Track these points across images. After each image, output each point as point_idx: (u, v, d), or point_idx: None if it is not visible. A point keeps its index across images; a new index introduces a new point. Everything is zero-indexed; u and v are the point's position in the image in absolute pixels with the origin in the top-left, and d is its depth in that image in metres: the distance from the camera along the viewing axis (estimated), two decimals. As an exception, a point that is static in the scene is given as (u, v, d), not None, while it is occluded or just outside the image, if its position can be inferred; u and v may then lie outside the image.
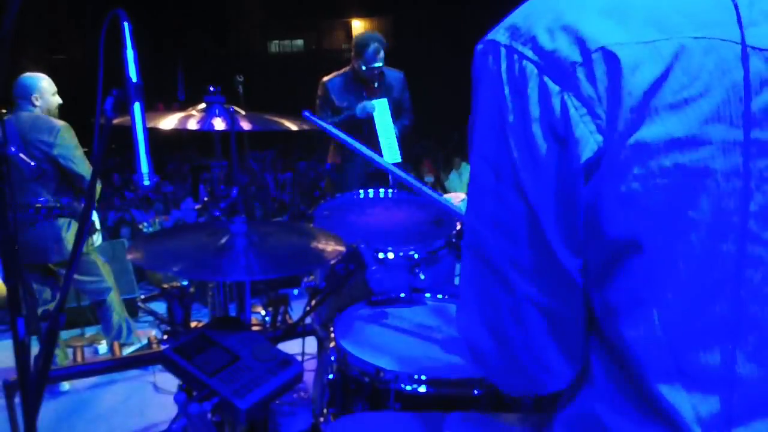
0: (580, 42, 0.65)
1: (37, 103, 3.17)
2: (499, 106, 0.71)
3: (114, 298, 3.51)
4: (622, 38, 0.65)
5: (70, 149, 3.13)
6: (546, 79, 0.67)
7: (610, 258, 0.67)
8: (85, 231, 1.14)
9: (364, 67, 3.69)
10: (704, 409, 0.66)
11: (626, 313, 0.68)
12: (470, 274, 0.81)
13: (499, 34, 0.73)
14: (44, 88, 3.20)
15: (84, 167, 3.18)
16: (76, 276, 3.29)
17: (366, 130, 3.74)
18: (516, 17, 0.74)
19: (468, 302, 0.82)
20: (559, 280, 0.72)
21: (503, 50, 0.71)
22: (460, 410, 1.15)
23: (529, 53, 0.68)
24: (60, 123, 3.14)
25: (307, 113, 1.78)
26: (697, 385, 0.66)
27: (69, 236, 3.21)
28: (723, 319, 0.65)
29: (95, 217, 3.44)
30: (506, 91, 0.70)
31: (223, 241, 1.45)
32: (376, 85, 3.80)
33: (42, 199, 2.83)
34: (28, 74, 3.22)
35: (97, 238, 3.47)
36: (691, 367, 0.66)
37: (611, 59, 0.64)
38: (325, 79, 3.83)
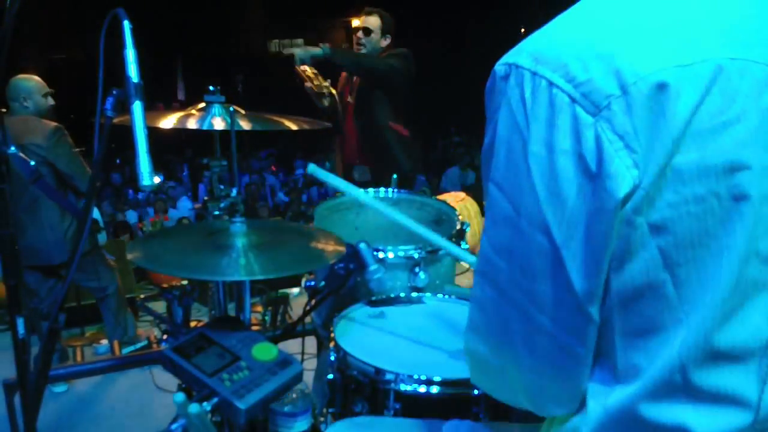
0: (617, 72, 0.62)
1: (26, 104, 3.16)
2: (521, 134, 0.67)
3: (117, 295, 3.52)
4: (663, 64, 0.62)
5: (64, 151, 3.11)
6: (578, 110, 0.63)
7: (639, 284, 0.66)
8: (84, 231, 1.14)
9: None
10: (710, 426, 0.66)
11: (652, 336, 0.67)
12: (482, 301, 0.78)
13: (523, 57, 0.69)
14: (33, 89, 3.19)
15: (78, 167, 3.17)
16: (80, 274, 3.30)
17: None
18: (540, 41, 0.70)
19: (477, 327, 0.80)
20: (574, 315, 0.69)
21: (528, 75, 0.67)
22: (460, 410, 1.15)
23: (560, 81, 0.64)
24: (51, 125, 3.11)
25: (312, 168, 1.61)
26: (705, 403, 0.66)
27: (72, 238, 3.21)
28: (739, 342, 0.65)
29: (98, 215, 3.45)
30: (530, 118, 0.66)
31: (223, 241, 1.45)
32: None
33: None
34: (17, 76, 3.20)
35: (101, 237, 3.48)
36: (701, 386, 0.65)
37: (658, 89, 0.61)
38: None
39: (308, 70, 3.43)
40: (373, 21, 3.47)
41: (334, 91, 3.52)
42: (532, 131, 0.66)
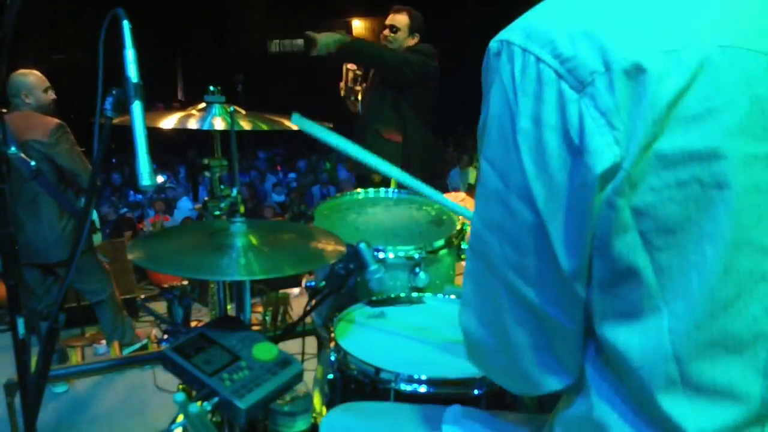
0: (602, 50, 0.63)
1: (28, 101, 3.15)
2: (511, 109, 0.68)
3: (112, 299, 3.50)
4: (646, 47, 0.62)
5: (65, 148, 3.10)
6: (564, 85, 0.64)
7: (620, 268, 0.66)
8: (84, 230, 1.14)
9: None
10: (707, 420, 0.65)
11: (633, 321, 0.67)
12: (473, 275, 0.80)
13: (515, 34, 0.70)
14: (33, 84, 3.17)
15: (80, 164, 3.16)
16: (75, 274, 3.28)
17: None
18: (532, 18, 0.71)
19: (470, 301, 0.82)
20: (561, 291, 0.70)
21: (518, 51, 0.68)
22: (460, 409, 1.14)
23: (547, 57, 0.65)
24: (53, 122, 3.10)
25: (296, 117, 1.54)
26: (702, 396, 0.65)
27: (69, 236, 3.20)
28: (735, 332, 0.64)
29: (95, 216, 3.44)
30: (519, 94, 0.67)
31: (224, 241, 1.45)
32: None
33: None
34: (16, 72, 3.18)
35: (96, 237, 3.47)
36: (698, 379, 0.65)
37: (635, 70, 0.61)
38: None
39: (352, 70, 3.43)
40: (401, 19, 3.46)
41: (360, 99, 3.54)
42: (521, 106, 0.67)
